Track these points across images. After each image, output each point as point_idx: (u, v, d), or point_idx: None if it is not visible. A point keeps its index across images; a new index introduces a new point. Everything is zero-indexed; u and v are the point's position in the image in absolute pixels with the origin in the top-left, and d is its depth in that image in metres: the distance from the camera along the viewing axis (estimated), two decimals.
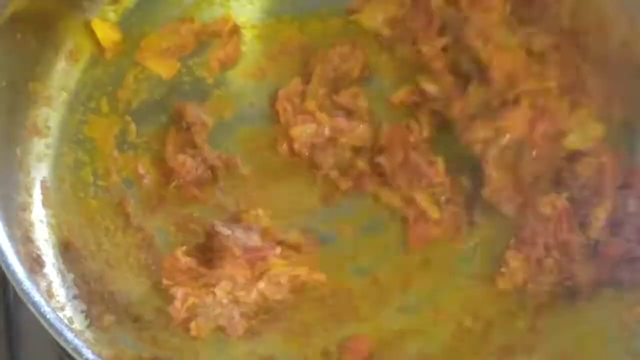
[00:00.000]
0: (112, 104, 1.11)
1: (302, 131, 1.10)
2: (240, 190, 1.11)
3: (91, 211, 1.08)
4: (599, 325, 1.02)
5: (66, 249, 1.05)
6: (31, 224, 1.04)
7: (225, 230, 1.05)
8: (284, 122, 1.12)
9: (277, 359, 1.04)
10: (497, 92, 1.07)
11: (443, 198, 1.09)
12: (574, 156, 1.06)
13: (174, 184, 1.09)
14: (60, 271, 1.04)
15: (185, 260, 1.04)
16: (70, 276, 1.04)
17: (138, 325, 1.04)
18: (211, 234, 1.06)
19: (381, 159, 1.10)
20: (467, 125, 1.08)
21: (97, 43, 1.11)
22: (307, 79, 1.13)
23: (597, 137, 1.05)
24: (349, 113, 1.12)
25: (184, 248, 1.05)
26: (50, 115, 1.09)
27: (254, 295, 1.04)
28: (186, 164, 1.09)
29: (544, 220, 1.05)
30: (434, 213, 1.08)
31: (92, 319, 1.02)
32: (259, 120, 1.13)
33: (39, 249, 1.03)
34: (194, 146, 1.10)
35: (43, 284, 1.01)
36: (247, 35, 1.15)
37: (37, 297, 0.91)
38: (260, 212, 1.08)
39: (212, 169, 1.10)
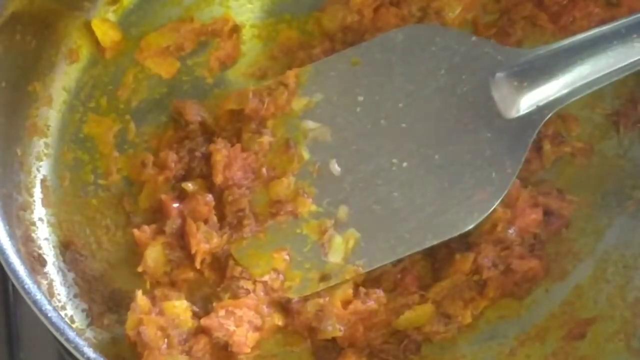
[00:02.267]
0: (112, 103, 1.11)
1: None
2: None
3: (91, 210, 1.08)
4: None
5: (67, 248, 1.05)
6: (32, 223, 1.04)
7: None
8: None
9: None
10: None
11: None
12: None
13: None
14: (61, 270, 1.04)
15: None
16: (71, 275, 1.04)
17: None
18: None
19: None
20: None
21: (97, 43, 1.11)
22: None
23: None
24: None
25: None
26: (50, 114, 1.09)
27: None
28: (169, 158, 1.08)
29: None
30: None
31: (93, 318, 1.03)
32: None
33: (39, 248, 1.04)
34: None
35: (44, 283, 1.01)
36: (247, 34, 1.15)
37: (38, 295, 0.90)
38: None
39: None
